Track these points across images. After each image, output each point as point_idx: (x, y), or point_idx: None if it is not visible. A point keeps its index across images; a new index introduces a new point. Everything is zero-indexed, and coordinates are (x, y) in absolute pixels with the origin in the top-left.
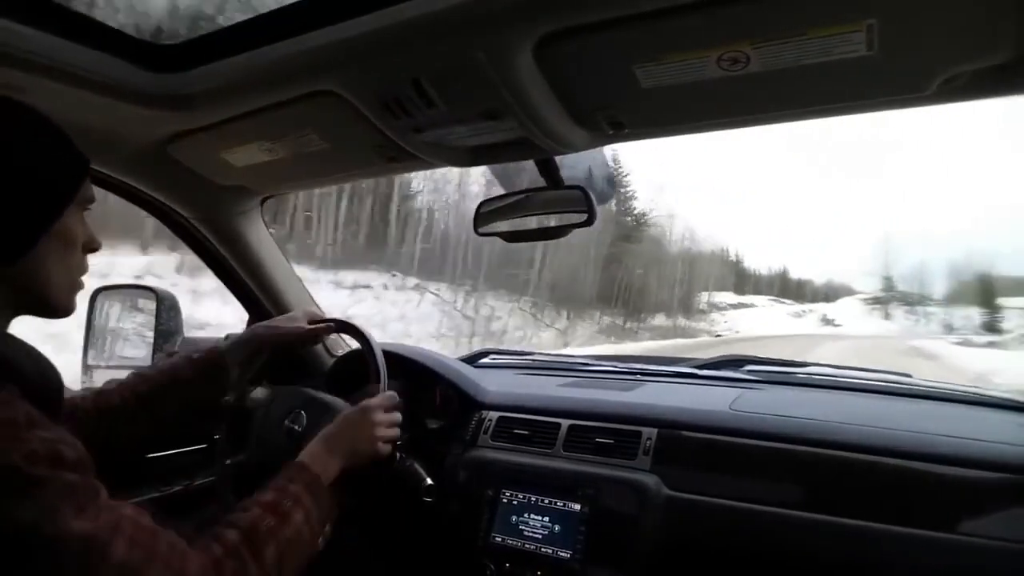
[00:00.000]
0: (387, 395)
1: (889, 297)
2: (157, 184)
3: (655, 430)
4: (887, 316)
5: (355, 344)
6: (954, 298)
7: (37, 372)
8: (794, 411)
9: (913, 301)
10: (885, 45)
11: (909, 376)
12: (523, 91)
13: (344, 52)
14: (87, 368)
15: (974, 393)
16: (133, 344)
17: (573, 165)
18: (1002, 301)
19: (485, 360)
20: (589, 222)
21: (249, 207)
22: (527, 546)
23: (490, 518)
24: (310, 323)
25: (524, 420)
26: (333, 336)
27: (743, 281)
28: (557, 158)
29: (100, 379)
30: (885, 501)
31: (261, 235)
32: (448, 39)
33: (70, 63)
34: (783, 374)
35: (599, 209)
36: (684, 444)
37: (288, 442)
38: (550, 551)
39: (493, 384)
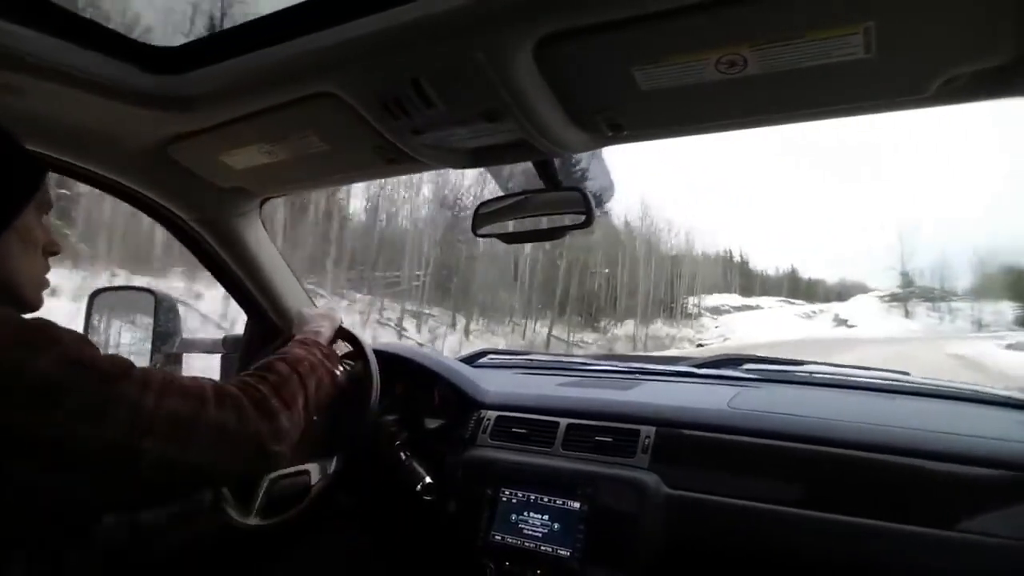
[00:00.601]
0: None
1: (908, 294)
2: (156, 186)
3: (654, 428)
4: (907, 314)
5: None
6: (980, 292)
7: None
8: (793, 409)
9: (935, 297)
10: (883, 47)
11: (908, 374)
12: (522, 92)
13: (344, 54)
14: None
15: (973, 390)
16: (131, 345)
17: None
18: None
19: (484, 360)
20: (588, 223)
21: (248, 209)
22: (527, 544)
23: (490, 517)
24: None
25: (523, 419)
26: None
27: (750, 282)
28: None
29: None
30: (884, 498)
31: (260, 237)
32: (448, 40)
33: (69, 65)
34: (782, 372)
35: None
36: (683, 442)
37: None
38: (549, 549)
39: (492, 384)
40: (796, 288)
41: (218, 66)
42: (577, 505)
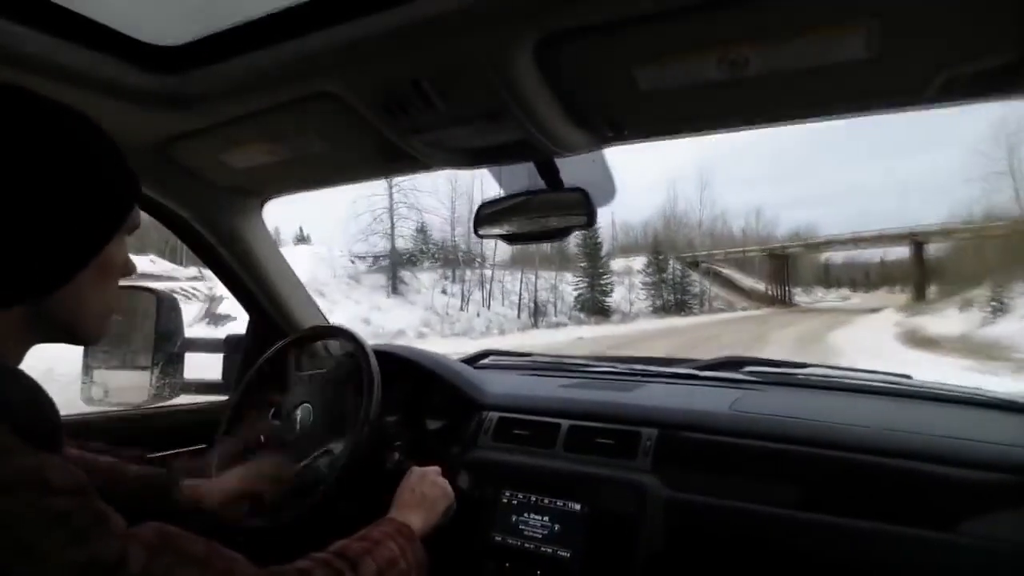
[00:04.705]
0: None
1: (396, 260)
2: (157, 185)
3: (655, 430)
4: (395, 290)
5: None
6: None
7: (28, 404)
8: (794, 412)
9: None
10: (885, 47)
11: (909, 377)
12: (523, 93)
13: (345, 54)
14: (88, 369)
15: (974, 394)
16: (134, 345)
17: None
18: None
19: (485, 361)
20: (589, 223)
21: (249, 209)
22: (527, 546)
23: (490, 518)
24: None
25: (524, 420)
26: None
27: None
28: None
29: (99, 380)
30: (885, 502)
31: (262, 237)
32: (449, 40)
33: (70, 64)
34: (783, 375)
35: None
36: (684, 445)
37: (295, 437)
38: (550, 551)
39: (493, 385)
40: None
41: (219, 65)
42: (578, 507)
